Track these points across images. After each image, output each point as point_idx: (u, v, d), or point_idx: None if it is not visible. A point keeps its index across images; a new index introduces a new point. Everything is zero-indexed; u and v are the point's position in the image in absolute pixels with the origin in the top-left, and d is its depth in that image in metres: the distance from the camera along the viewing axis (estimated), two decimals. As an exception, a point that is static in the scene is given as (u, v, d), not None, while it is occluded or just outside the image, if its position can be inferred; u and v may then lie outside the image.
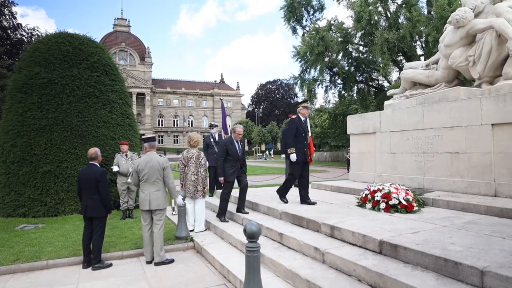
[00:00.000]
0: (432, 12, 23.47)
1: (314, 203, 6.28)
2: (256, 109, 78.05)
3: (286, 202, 6.55)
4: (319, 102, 51.39)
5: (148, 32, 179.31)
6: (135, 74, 72.11)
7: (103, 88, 9.11)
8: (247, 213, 6.46)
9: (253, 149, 64.19)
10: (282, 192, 6.73)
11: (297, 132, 6.39)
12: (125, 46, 73.37)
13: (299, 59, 29.43)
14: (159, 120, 77.63)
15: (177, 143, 76.11)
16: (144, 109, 73.29)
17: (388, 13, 26.41)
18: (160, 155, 5.48)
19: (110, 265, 5.08)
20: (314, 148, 9.16)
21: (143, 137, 5.84)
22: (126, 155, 8.08)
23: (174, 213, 7.89)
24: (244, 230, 3.22)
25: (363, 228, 4.30)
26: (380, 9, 25.98)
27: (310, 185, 9.07)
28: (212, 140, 9.29)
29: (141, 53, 75.30)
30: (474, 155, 5.87)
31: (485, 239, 3.73)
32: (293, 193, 7.97)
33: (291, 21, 30.73)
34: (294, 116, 6.69)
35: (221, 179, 6.40)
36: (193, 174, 6.28)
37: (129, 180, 7.90)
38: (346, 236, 4.32)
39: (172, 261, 5.22)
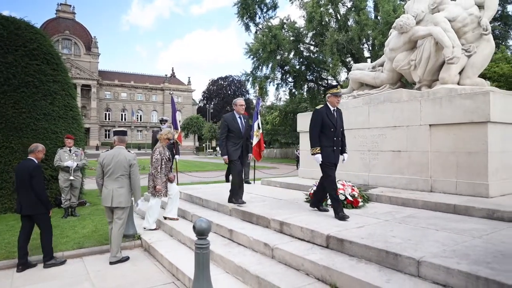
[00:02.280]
0: (378, 17, 24.63)
1: (326, 210, 5.25)
2: (207, 105, 77.27)
3: (327, 210, 5.27)
4: (270, 99, 52.00)
5: (95, 21, 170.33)
6: (80, 64, 68.31)
7: (44, 78, 8.50)
8: (244, 202, 5.91)
9: (203, 145, 63.58)
10: (314, 201, 5.46)
11: (324, 126, 5.05)
12: (69, 34, 69.14)
13: (252, 56, 29.56)
14: (106, 114, 74.28)
15: (125, 137, 73.28)
16: (89, 102, 69.74)
17: (338, 16, 27.30)
18: (129, 151, 5.19)
19: (64, 261, 4.83)
20: (264, 145, 9.22)
21: (114, 129, 5.65)
22: (70, 150, 7.62)
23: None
24: (194, 227, 3.17)
25: (311, 224, 4.42)
26: (331, 11, 26.79)
27: (260, 182, 9.21)
28: (161, 135, 9.06)
29: (87, 43, 71.45)
30: (413, 154, 6.25)
31: (422, 231, 3.99)
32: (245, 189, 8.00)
33: (245, 17, 30.76)
34: (320, 106, 5.31)
35: (225, 157, 5.92)
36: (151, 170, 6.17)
37: (71, 177, 7.48)
38: (295, 232, 4.41)
39: (127, 258, 5.03)
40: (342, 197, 5.51)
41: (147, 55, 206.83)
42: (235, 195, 6.01)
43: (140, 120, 76.59)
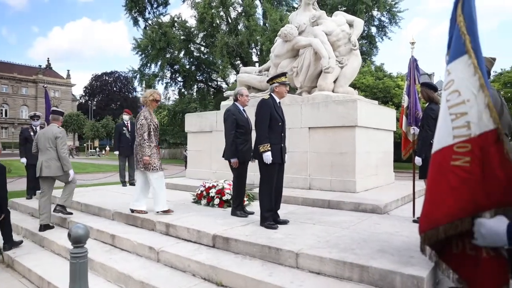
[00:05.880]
0: (267, 24, 25.89)
1: (286, 222, 4.46)
2: (90, 102, 71.14)
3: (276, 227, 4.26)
4: (159, 98, 50.11)
5: None
6: None
7: None
8: (252, 213, 5.05)
9: (84, 145, 58.36)
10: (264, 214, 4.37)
11: (271, 120, 4.38)
12: None
13: (140, 52, 28.21)
14: (-43, 107, 62.47)
15: (-15, 135, 62.73)
16: None
17: (229, 19, 27.86)
18: (60, 128, 5.60)
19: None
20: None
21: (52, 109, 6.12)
22: None
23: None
24: (69, 235, 2.89)
25: (198, 224, 4.42)
26: (222, 13, 27.15)
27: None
28: (32, 133, 8.00)
29: None
30: (295, 154, 6.73)
31: (301, 226, 4.33)
32: (125, 191, 7.58)
33: (133, 11, 29.22)
34: (266, 97, 4.55)
35: (235, 161, 4.87)
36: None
37: None
38: (181, 233, 4.36)
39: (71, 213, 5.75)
40: (228, 197, 5.64)
41: (17, 41, 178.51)
42: (239, 206, 5.10)
43: (6, 115, 66.48)
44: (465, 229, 1.34)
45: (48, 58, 74.85)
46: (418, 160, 4.52)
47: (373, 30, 27.23)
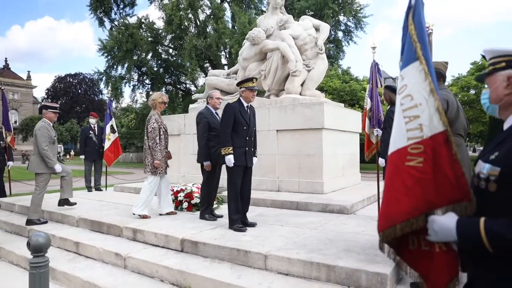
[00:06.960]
0: (235, 27, 25.92)
1: (254, 224, 4.53)
2: (53, 104, 68.35)
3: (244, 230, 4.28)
4: (126, 101, 49.33)
5: None
6: None
7: None
8: (221, 216, 5.10)
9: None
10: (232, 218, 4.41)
11: (236, 124, 4.38)
12: None
13: (106, 54, 27.47)
14: None
15: None
16: None
17: (198, 21, 27.68)
18: (43, 123, 5.45)
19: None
20: (121, 150, 8.68)
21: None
22: None
23: None
24: (28, 243, 2.77)
25: (166, 228, 4.37)
26: (190, 16, 26.94)
27: (113, 188, 8.62)
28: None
29: None
30: (264, 156, 6.77)
31: (270, 228, 4.37)
32: (91, 197, 7.37)
33: (98, 11, 28.42)
34: (232, 101, 4.59)
35: (208, 164, 4.95)
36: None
37: None
38: (149, 238, 4.30)
39: (45, 222, 5.45)
40: (197, 200, 5.60)
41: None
42: (206, 209, 5.12)
43: (-42, 119, 62.66)
44: (420, 227, 1.41)
45: (6, 58, 70.24)
46: (381, 162, 4.67)
47: (340, 34, 27.84)
